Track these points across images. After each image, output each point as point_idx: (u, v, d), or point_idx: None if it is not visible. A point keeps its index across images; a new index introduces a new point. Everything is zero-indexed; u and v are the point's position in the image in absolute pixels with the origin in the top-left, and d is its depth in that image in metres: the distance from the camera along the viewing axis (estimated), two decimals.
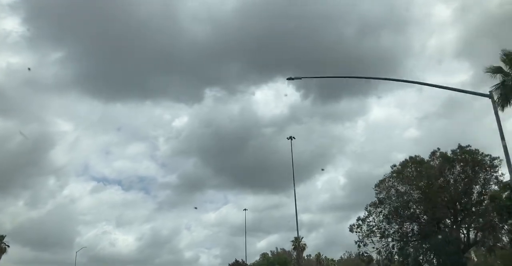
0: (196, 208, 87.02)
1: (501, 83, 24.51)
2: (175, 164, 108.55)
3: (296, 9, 79.81)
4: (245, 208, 62.83)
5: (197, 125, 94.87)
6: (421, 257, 38.66)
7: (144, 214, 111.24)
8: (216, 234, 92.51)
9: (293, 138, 47.60)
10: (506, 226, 35.42)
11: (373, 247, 40.00)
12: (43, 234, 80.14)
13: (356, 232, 40.55)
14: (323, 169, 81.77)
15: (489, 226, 36.02)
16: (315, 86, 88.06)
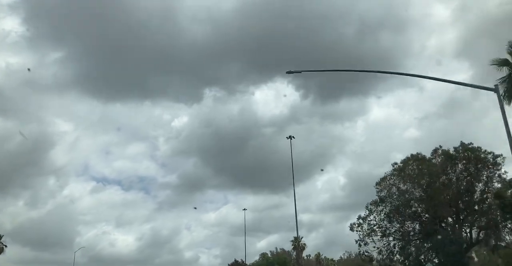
0: (195, 208, 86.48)
1: (507, 76, 23.70)
2: (175, 164, 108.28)
3: (295, 9, 79.40)
4: (244, 208, 62.36)
5: (196, 126, 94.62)
6: (423, 257, 38.03)
7: (144, 214, 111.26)
8: (216, 234, 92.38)
9: (293, 137, 47.01)
10: (509, 225, 34.76)
11: (374, 246, 39.22)
12: (43, 234, 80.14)
13: (356, 231, 39.79)
14: (323, 169, 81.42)
15: (492, 224, 35.34)
16: (315, 86, 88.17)
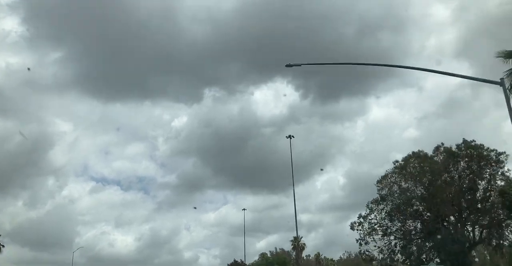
0: (195, 208, 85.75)
1: None
2: (175, 164, 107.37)
3: (295, 9, 78.86)
4: (244, 208, 61.42)
5: (196, 126, 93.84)
6: (424, 256, 37.43)
7: (143, 214, 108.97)
8: (215, 234, 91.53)
9: (292, 136, 46.45)
10: None
11: (375, 246, 38.62)
12: (42, 234, 79.31)
13: (357, 230, 39.19)
14: (322, 169, 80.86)
15: (496, 223, 34.77)
16: (315, 86, 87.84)
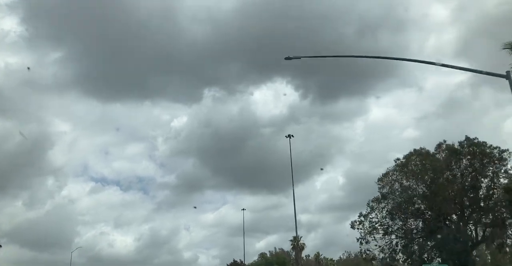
0: (195, 207, 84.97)
1: None
2: (174, 164, 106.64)
3: (295, 9, 78.42)
4: (243, 208, 61.00)
5: (196, 126, 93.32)
6: (426, 255, 36.82)
7: (142, 215, 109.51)
8: (214, 235, 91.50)
9: (292, 136, 46.05)
10: None
11: (376, 245, 38.00)
12: (41, 234, 78.80)
13: (357, 228, 38.60)
14: (322, 169, 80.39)
15: (499, 222, 34.18)
16: (314, 86, 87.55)
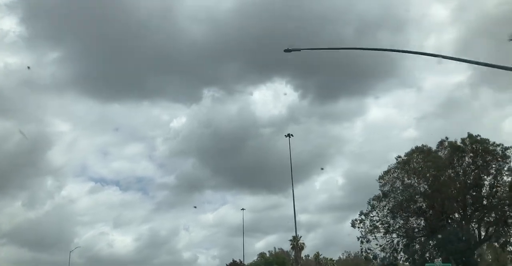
0: (195, 207, 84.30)
1: None
2: (173, 165, 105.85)
3: (294, 9, 77.79)
4: (242, 208, 60.55)
5: (195, 126, 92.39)
6: (428, 254, 36.16)
7: (142, 215, 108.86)
8: (214, 235, 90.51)
9: (291, 135, 45.56)
10: None
11: (377, 244, 37.46)
12: (41, 234, 78.02)
13: (358, 227, 38.00)
14: (323, 168, 79.80)
15: (502, 220, 33.53)
16: (313, 86, 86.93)
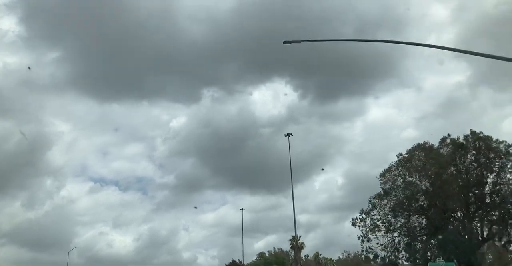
0: (196, 207, 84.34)
1: None
2: (173, 165, 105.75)
3: (294, 9, 77.47)
4: (242, 208, 60.19)
5: (194, 126, 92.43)
6: (430, 254, 35.56)
7: (141, 215, 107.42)
8: (214, 235, 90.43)
9: (291, 134, 45.12)
10: None
11: (378, 243, 36.78)
12: (40, 235, 77.67)
13: (359, 226, 37.38)
14: (323, 169, 79.37)
15: (506, 218, 32.91)
16: (313, 86, 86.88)
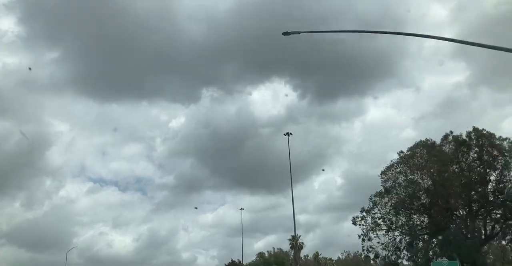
0: (196, 208, 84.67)
1: None
2: (172, 165, 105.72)
3: (294, 9, 77.15)
4: (241, 207, 59.94)
5: (194, 126, 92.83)
6: (432, 253, 34.87)
7: (141, 215, 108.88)
8: (213, 235, 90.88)
9: (290, 134, 44.72)
10: None
11: (378, 242, 36.19)
12: (39, 235, 78.35)
13: (359, 224, 36.76)
14: (324, 169, 79.13)
15: (510, 217, 32.23)
16: (312, 86, 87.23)
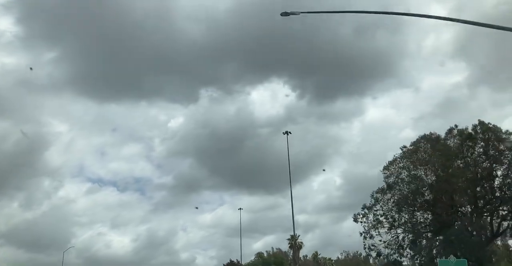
0: (197, 207, 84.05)
1: None
2: (171, 165, 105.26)
3: (293, 9, 76.47)
4: (240, 207, 59.46)
5: (192, 126, 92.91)
6: (435, 251, 33.75)
7: (139, 215, 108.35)
8: (212, 235, 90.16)
9: (289, 132, 44.03)
10: None
11: (380, 240, 35.12)
12: (38, 235, 77.03)
13: (361, 222, 35.70)
14: (324, 169, 78.26)
15: None
16: (311, 86, 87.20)
